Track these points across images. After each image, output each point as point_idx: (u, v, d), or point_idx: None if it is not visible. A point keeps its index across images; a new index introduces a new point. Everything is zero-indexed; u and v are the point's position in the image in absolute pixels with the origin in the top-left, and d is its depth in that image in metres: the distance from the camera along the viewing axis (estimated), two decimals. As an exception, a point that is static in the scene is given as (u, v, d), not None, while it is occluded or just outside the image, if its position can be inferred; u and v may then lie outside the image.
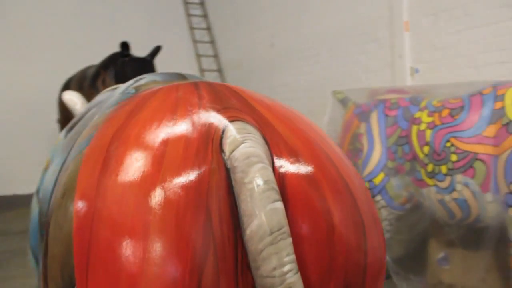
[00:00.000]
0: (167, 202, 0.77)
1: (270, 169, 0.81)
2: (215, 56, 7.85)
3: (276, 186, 0.79)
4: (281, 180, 0.83)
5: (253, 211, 0.78)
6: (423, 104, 2.66)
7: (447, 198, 2.38)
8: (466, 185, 2.29)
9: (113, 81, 4.56)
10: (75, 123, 1.35)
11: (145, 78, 1.21)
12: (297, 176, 0.84)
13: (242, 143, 0.84)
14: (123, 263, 0.75)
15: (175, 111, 0.90)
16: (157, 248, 0.75)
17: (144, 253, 0.75)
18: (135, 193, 0.79)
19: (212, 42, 7.92)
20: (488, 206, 2.25)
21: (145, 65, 4.63)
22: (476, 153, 2.25)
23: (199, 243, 0.76)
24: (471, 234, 2.39)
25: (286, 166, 0.84)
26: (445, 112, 2.46)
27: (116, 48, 4.70)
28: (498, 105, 2.26)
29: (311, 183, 0.84)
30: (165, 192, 0.78)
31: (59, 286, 0.82)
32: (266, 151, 0.85)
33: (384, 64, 4.31)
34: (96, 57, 4.87)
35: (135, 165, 0.82)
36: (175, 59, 6.58)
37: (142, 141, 0.85)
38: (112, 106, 1.04)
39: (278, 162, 0.85)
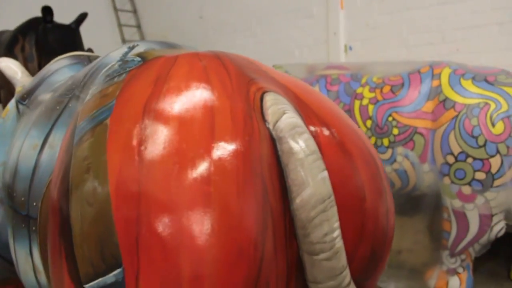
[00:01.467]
0: (226, 172, 0.75)
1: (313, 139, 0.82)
2: (138, 27, 7.51)
3: (321, 156, 0.81)
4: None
5: (305, 180, 0.79)
6: (363, 80, 2.79)
7: (388, 169, 2.55)
8: (406, 156, 2.48)
9: (34, 48, 4.20)
10: (52, 92, 1.25)
11: (140, 46, 1.14)
12: (332, 146, 0.86)
13: (284, 113, 0.84)
14: (184, 238, 0.72)
15: (209, 80, 0.87)
16: (220, 219, 0.73)
17: (206, 226, 0.72)
18: (189, 166, 0.75)
19: (134, 11, 7.54)
20: (425, 176, 2.46)
21: (70, 33, 4.30)
22: (416, 127, 2.43)
23: (260, 213, 0.76)
24: (408, 202, 2.59)
25: (321, 137, 0.86)
26: (386, 89, 2.61)
27: (31, 14, 4.31)
28: (435, 83, 2.45)
29: (345, 154, 0.87)
30: (222, 162, 0.76)
31: (99, 266, 0.76)
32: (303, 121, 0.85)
33: (319, 41, 4.42)
34: (9, 22, 4.43)
35: (183, 136, 0.78)
36: (96, 28, 6.18)
37: (184, 111, 0.81)
38: (119, 74, 0.97)
39: (313, 133, 0.86)
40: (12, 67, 1.98)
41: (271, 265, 0.78)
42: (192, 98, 0.84)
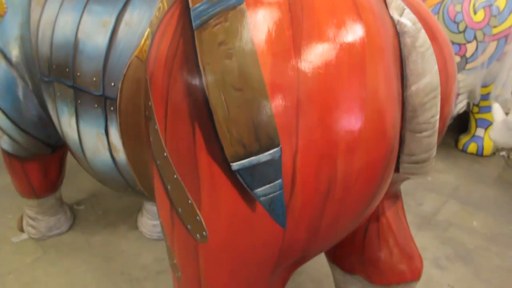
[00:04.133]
0: (376, 56, 0.86)
1: None
2: None
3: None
4: None
5: (423, 70, 0.92)
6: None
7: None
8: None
9: None
10: None
11: None
12: (430, 37, 0.97)
13: (404, 8, 0.93)
14: (341, 120, 0.84)
15: None
16: (372, 103, 0.86)
17: (361, 108, 0.85)
18: (345, 56, 0.84)
19: None
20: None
21: None
22: (401, 10, 2.55)
23: (396, 97, 0.91)
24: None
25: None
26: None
27: None
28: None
29: (437, 43, 0.99)
30: (373, 43, 0.86)
31: (251, 146, 0.84)
32: None
33: None
34: None
35: (339, 34, 0.84)
36: None
37: (334, 10, 0.86)
38: None
39: None
40: None
41: (397, 142, 0.96)
42: None
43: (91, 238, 2.12)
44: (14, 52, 1.58)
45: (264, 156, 0.85)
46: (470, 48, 2.40)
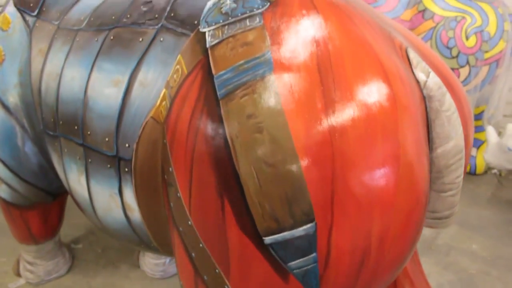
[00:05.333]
0: (409, 135, 0.87)
1: None
2: None
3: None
4: None
5: (450, 134, 0.93)
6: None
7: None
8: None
9: None
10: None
11: None
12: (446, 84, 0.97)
13: (429, 72, 0.93)
14: (376, 194, 0.84)
15: (366, 36, 0.91)
16: (405, 176, 0.86)
17: (395, 182, 0.85)
18: (379, 130, 0.84)
19: None
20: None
21: None
22: (393, 35, 2.58)
23: (427, 164, 0.91)
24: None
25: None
26: (366, -7, 2.67)
27: None
28: (415, -8, 2.56)
29: (455, 95, 0.99)
30: (406, 126, 0.87)
31: (285, 221, 0.82)
32: None
33: None
34: None
35: (370, 102, 0.84)
36: None
37: (362, 77, 0.86)
38: (244, 15, 0.93)
39: None
40: None
41: (427, 205, 0.96)
42: (364, 61, 0.87)
43: (92, 281, 2.06)
44: (13, 100, 1.53)
45: (298, 231, 0.84)
46: (463, 72, 2.44)
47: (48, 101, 1.34)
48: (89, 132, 1.19)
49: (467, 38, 2.40)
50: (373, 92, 0.86)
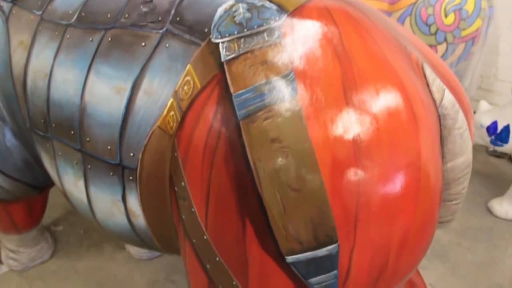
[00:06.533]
0: (429, 157, 0.89)
1: None
2: None
3: None
4: None
5: (461, 150, 0.96)
6: None
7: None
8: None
9: None
10: None
11: None
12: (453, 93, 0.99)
13: (444, 89, 0.95)
14: (397, 217, 0.86)
15: (388, 57, 0.90)
16: (424, 198, 0.89)
17: (415, 204, 0.87)
18: (403, 156, 0.85)
19: None
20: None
21: None
22: (373, 8, 2.57)
23: (442, 180, 0.95)
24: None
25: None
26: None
27: None
28: (395, -36, 2.53)
29: (465, 111, 1.01)
30: (427, 148, 0.89)
31: (309, 243, 0.84)
32: None
33: None
34: None
35: (394, 127, 0.85)
36: None
37: (386, 100, 0.86)
38: (261, 28, 0.89)
39: None
40: None
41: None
42: (387, 83, 0.87)
43: (77, 264, 2.05)
44: (-10, 92, 1.43)
45: (321, 252, 0.86)
46: (441, 49, 2.48)
47: (36, 101, 1.26)
48: (88, 139, 1.14)
49: (446, 16, 2.42)
50: (397, 116, 0.86)
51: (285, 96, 0.84)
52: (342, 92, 0.84)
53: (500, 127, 2.34)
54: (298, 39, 0.89)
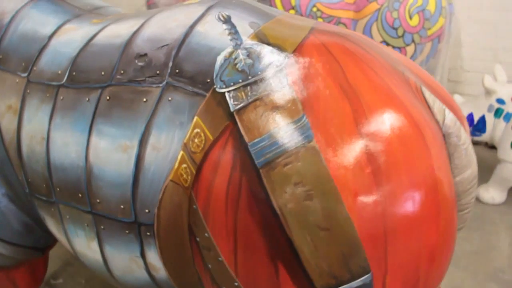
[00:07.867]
0: (444, 182, 0.94)
1: None
2: None
3: None
4: None
5: (467, 163, 1.01)
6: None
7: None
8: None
9: None
10: None
11: (233, 14, 1.03)
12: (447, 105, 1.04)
13: (444, 109, 0.99)
14: (422, 242, 0.90)
15: (391, 87, 0.94)
16: (444, 222, 0.93)
17: (437, 228, 0.92)
18: (422, 184, 0.89)
19: None
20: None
21: None
22: (339, 18, 2.63)
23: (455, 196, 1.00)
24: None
25: None
26: (308, -22, 2.68)
27: None
28: (355, -27, 2.60)
29: (462, 124, 1.06)
30: (441, 173, 0.93)
31: (343, 276, 0.86)
32: None
33: None
34: None
35: (409, 157, 0.89)
36: None
37: (397, 131, 0.89)
38: (264, 74, 0.92)
39: None
40: None
41: None
42: (394, 112, 0.90)
43: (85, 317, 2.00)
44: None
45: (356, 283, 0.88)
46: (410, 50, 2.56)
47: (35, 166, 1.23)
48: (98, 200, 1.12)
49: (410, 18, 2.50)
50: (408, 140, 0.90)
51: (302, 142, 0.86)
52: (355, 128, 0.87)
53: (476, 118, 2.44)
54: (304, 80, 0.91)
